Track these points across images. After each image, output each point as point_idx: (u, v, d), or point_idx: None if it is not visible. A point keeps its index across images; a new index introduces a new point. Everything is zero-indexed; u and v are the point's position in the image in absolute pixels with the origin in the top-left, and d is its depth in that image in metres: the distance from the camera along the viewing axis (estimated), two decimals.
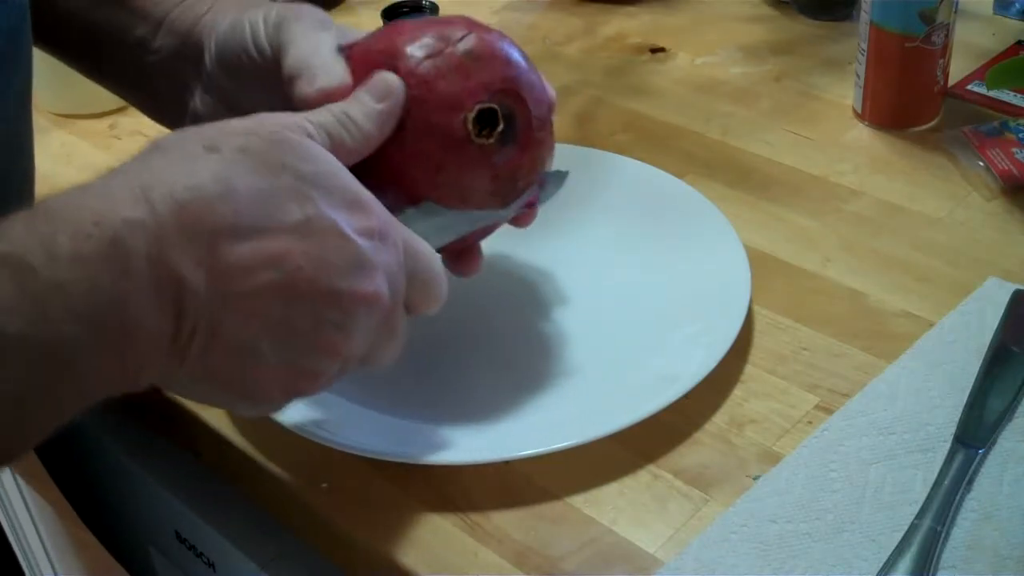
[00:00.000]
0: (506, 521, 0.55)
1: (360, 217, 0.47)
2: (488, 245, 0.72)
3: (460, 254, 0.59)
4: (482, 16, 1.00)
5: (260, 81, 0.57)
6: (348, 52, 0.55)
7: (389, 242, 0.49)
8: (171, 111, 0.63)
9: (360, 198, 0.48)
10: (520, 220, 0.61)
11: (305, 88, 0.54)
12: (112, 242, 0.41)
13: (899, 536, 0.51)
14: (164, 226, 0.42)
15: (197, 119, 0.61)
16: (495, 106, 0.55)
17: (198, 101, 0.61)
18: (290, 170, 0.46)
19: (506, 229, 0.68)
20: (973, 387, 0.59)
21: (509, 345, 0.65)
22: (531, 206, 0.60)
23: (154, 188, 0.42)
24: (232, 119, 0.48)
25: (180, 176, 0.43)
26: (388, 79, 0.53)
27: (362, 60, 0.55)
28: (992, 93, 0.82)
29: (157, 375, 0.44)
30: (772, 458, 0.57)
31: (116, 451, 0.74)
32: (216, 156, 0.44)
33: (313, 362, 0.47)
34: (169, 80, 0.61)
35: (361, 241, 0.47)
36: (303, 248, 0.45)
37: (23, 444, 0.42)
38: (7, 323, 0.38)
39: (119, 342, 0.41)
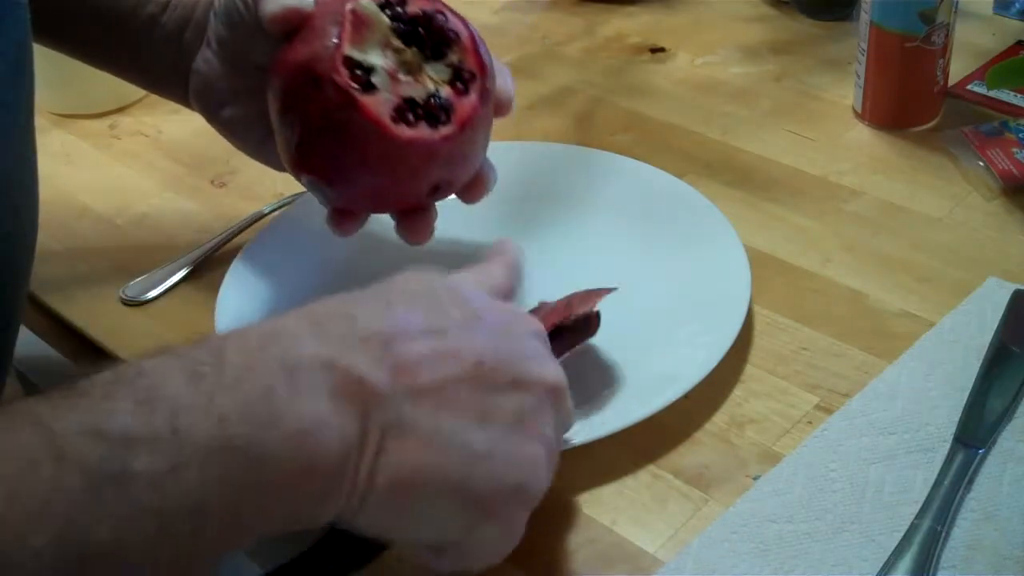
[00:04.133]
0: None
1: (521, 318, 0.49)
2: (486, 246, 0.72)
3: (420, 211, 0.61)
4: (482, 16, 1.00)
5: (252, 32, 0.59)
6: None
7: (539, 331, 0.50)
8: (170, 79, 0.65)
9: (510, 305, 0.50)
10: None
11: (269, 6, 0.56)
12: (281, 356, 0.40)
13: (899, 536, 0.51)
14: (334, 338, 0.42)
15: (199, 77, 0.63)
16: None
17: (200, 60, 0.63)
18: (444, 289, 0.47)
19: (504, 227, 0.68)
20: (973, 387, 0.59)
21: None
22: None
23: (319, 313, 0.43)
24: None
25: (344, 306, 0.44)
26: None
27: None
28: (992, 93, 0.82)
29: (353, 492, 0.41)
30: (772, 458, 0.57)
31: None
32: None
33: (527, 446, 0.46)
34: (174, 49, 0.64)
35: (529, 335, 0.48)
36: (478, 342, 0.45)
37: (199, 561, 0.39)
38: (178, 422, 0.37)
39: (299, 447, 0.39)
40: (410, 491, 0.42)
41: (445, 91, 0.57)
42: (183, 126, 0.88)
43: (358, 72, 0.55)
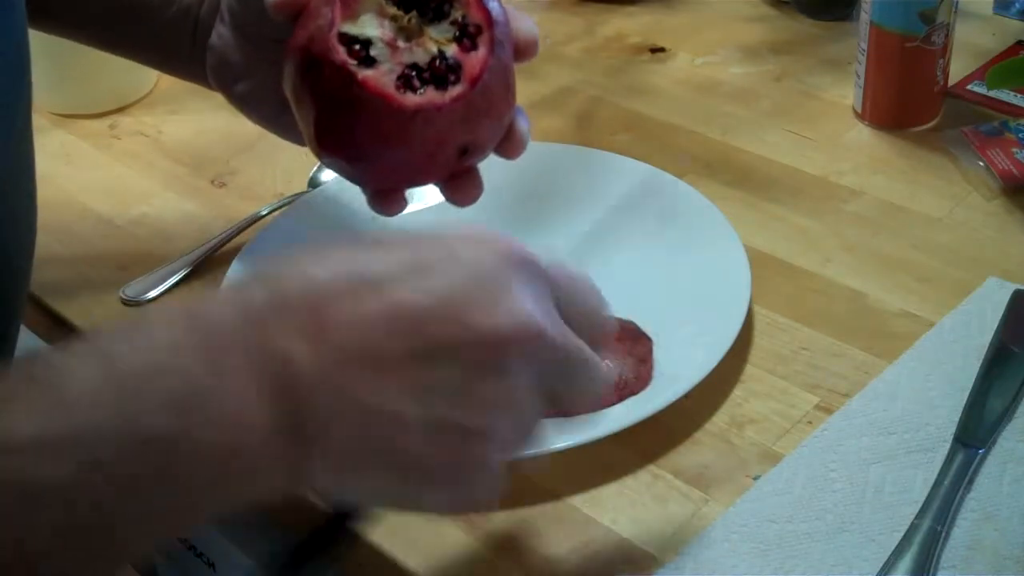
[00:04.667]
0: (506, 521, 0.55)
1: (483, 243, 0.42)
2: None
3: (459, 177, 0.58)
4: None
5: (263, 5, 0.57)
6: None
7: (527, 266, 0.42)
8: (187, 57, 0.65)
9: (478, 228, 0.43)
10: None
11: None
12: (204, 336, 0.38)
13: (899, 536, 0.51)
14: (258, 309, 0.39)
15: (215, 53, 0.63)
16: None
17: (215, 36, 0.63)
18: (384, 237, 0.43)
19: (504, 227, 0.67)
20: (973, 387, 0.59)
21: None
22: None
23: (247, 282, 0.40)
24: None
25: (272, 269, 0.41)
26: None
27: None
28: (992, 93, 0.82)
29: (287, 470, 0.39)
30: (772, 458, 0.57)
31: None
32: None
33: (472, 418, 0.41)
34: (189, 26, 0.64)
35: (493, 265, 0.41)
36: (423, 289, 0.40)
37: (122, 555, 0.38)
38: (93, 415, 0.35)
39: (225, 434, 0.37)
40: (350, 465, 0.40)
41: (451, 50, 0.55)
42: (183, 126, 0.88)
43: (356, 47, 0.55)
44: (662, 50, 0.94)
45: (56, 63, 0.85)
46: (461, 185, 0.57)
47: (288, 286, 0.39)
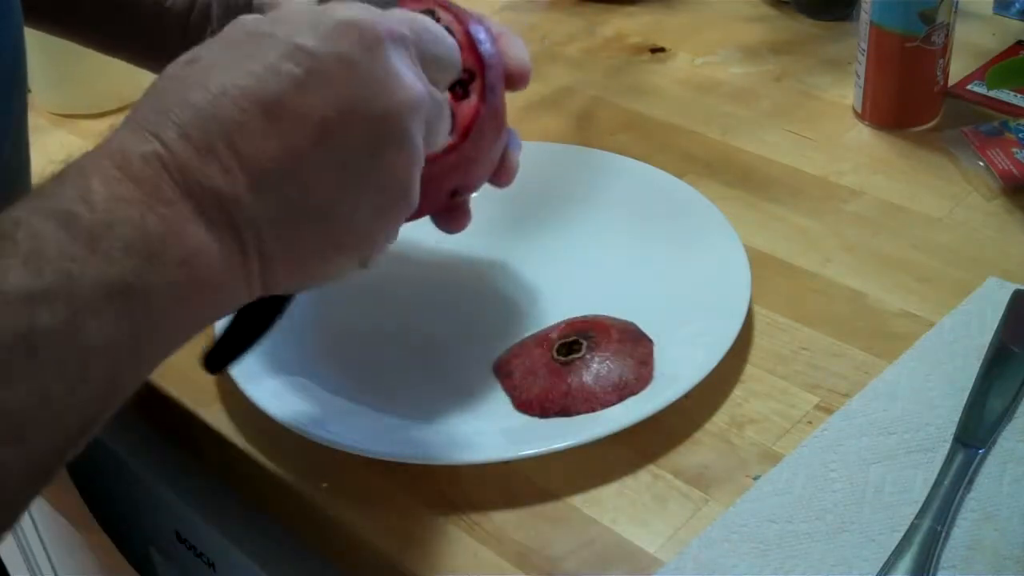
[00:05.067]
0: (506, 521, 0.55)
1: (344, 33, 0.45)
2: (487, 244, 0.72)
3: (450, 211, 0.60)
4: None
5: None
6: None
7: (387, 37, 0.46)
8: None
9: (329, 15, 0.45)
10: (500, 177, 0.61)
11: None
12: (138, 181, 0.40)
13: (899, 536, 0.51)
14: (177, 152, 0.41)
15: None
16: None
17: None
18: (253, 32, 0.45)
19: (504, 227, 0.68)
20: (973, 387, 0.59)
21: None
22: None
23: (156, 121, 0.42)
24: None
25: (174, 97, 0.43)
26: None
27: None
28: (992, 93, 0.82)
29: (247, 282, 0.43)
30: (772, 458, 0.57)
31: (117, 451, 0.74)
32: (196, 64, 0.44)
33: (393, 181, 0.46)
34: (181, 33, 0.65)
35: (363, 58, 0.45)
36: (317, 96, 0.43)
37: (118, 395, 0.41)
38: (70, 269, 0.37)
39: (185, 274, 0.40)
40: (305, 267, 0.45)
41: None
42: None
43: None
44: (662, 50, 0.94)
45: (56, 63, 0.85)
46: (452, 217, 0.60)
47: (201, 133, 0.42)
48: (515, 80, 0.59)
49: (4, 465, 0.36)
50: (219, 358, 0.53)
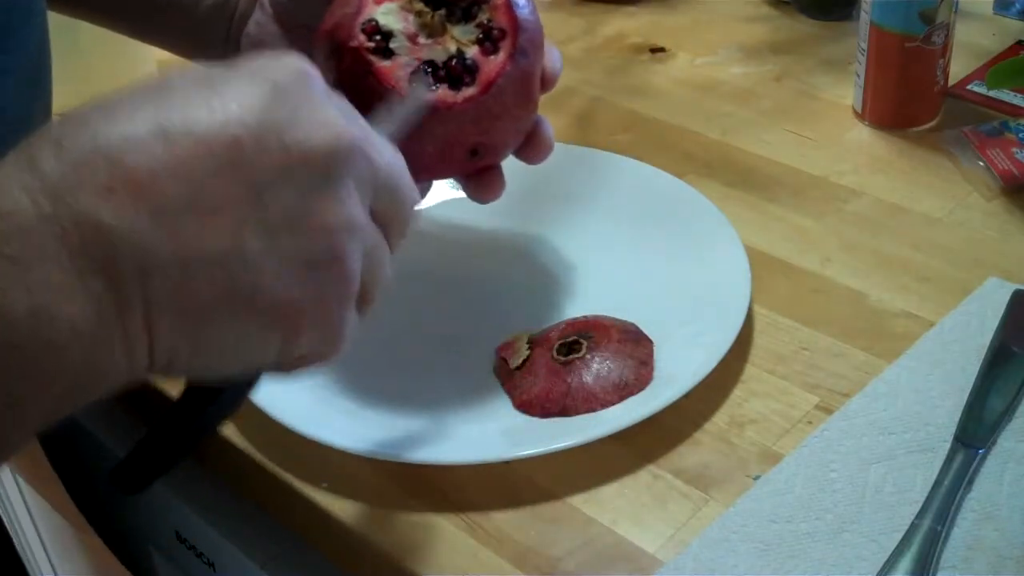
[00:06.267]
0: (506, 521, 0.55)
1: (271, 62, 0.39)
2: (486, 245, 0.72)
3: (478, 174, 0.58)
4: None
5: None
6: None
7: (315, 74, 0.40)
8: (218, 46, 0.64)
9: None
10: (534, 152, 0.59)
11: None
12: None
13: (899, 536, 0.51)
14: (52, 172, 0.34)
15: (250, 40, 0.62)
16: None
17: (252, 23, 0.62)
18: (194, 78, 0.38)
19: (504, 227, 0.68)
20: (973, 387, 0.59)
21: None
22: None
23: (31, 143, 0.35)
24: None
25: (69, 118, 0.36)
26: None
27: None
28: (992, 93, 0.82)
29: (133, 350, 0.36)
30: (772, 458, 0.57)
31: (116, 451, 0.74)
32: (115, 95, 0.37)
33: (317, 242, 0.38)
34: (224, 15, 0.63)
35: (291, 81, 0.39)
36: (233, 120, 0.37)
37: None
38: None
39: (37, 327, 0.33)
40: (208, 332, 0.37)
41: (472, 52, 0.55)
42: None
43: (377, 37, 0.55)
44: (662, 50, 0.94)
45: (56, 63, 0.85)
46: (481, 182, 0.58)
47: (78, 143, 0.35)
48: (543, 81, 0.58)
49: None
50: (134, 475, 0.43)
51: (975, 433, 0.56)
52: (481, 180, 0.58)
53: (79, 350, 0.34)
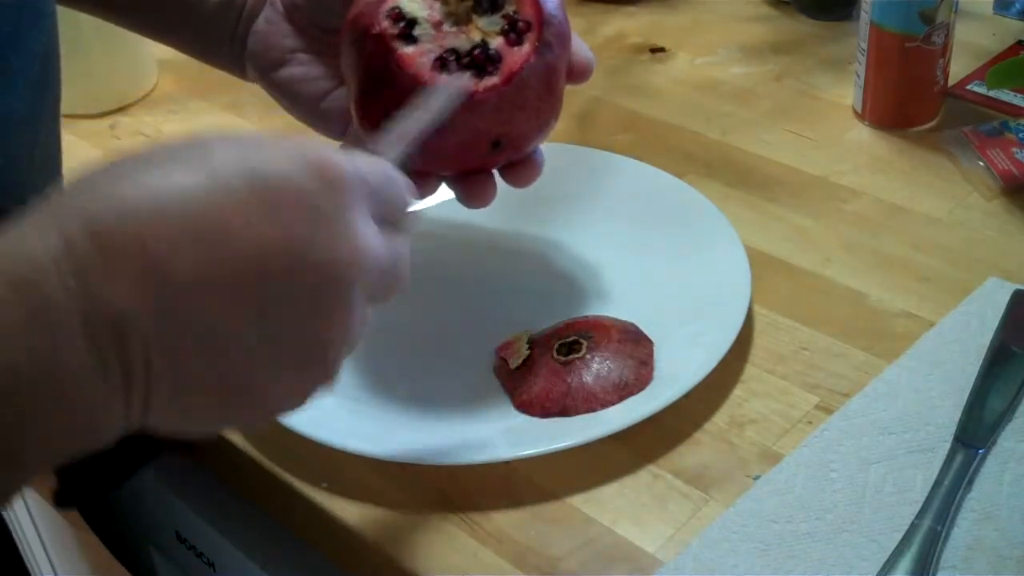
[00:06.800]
0: (506, 521, 0.55)
1: (311, 167, 0.41)
2: (486, 245, 0.72)
3: (470, 178, 0.58)
4: None
5: None
6: None
7: (350, 186, 0.42)
8: (223, 42, 0.64)
9: (300, 146, 0.41)
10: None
11: None
12: (25, 294, 0.35)
13: (899, 536, 0.51)
14: (78, 251, 0.36)
15: (258, 37, 0.63)
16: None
17: (262, 20, 0.62)
18: (207, 144, 0.40)
19: (504, 228, 0.68)
20: (973, 387, 0.59)
21: None
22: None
23: (64, 212, 0.37)
24: None
25: (98, 189, 0.38)
26: None
27: None
28: (992, 93, 0.82)
29: (129, 413, 0.39)
30: (772, 458, 0.57)
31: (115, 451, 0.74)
32: (135, 158, 0.40)
33: (313, 344, 0.41)
34: (231, 13, 0.63)
35: (323, 200, 0.40)
36: (265, 234, 0.39)
37: None
38: None
39: (57, 399, 0.36)
40: (190, 411, 0.40)
41: (496, 42, 0.55)
42: (183, 126, 0.88)
43: (401, 24, 0.55)
44: (662, 50, 0.94)
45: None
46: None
47: (109, 227, 0.37)
48: (576, 73, 0.59)
49: None
50: (73, 492, 0.45)
51: (975, 433, 0.56)
52: (473, 185, 0.58)
53: (85, 412, 0.37)
